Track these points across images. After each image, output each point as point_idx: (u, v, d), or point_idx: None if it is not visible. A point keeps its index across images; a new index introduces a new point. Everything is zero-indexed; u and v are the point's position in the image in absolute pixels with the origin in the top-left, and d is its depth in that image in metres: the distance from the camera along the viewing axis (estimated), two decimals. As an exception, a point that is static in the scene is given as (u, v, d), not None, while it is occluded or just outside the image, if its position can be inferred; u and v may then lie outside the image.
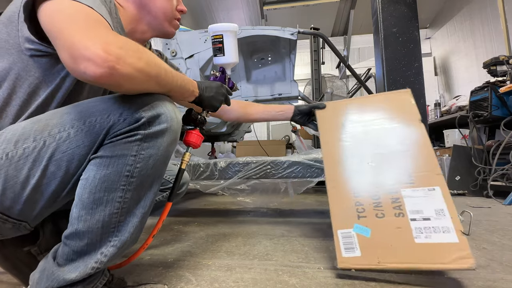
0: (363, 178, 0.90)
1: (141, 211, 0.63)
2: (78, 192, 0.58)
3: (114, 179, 0.57)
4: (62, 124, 0.57)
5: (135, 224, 0.62)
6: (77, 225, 0.57)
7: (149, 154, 0.59)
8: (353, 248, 0.80)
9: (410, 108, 0.96)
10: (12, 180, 0.55)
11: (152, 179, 0.63)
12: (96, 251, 0.59)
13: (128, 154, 0.57)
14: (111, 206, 0.58)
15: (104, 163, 0.56)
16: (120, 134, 0.57)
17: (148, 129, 0.58)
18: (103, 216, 0.58)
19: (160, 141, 0.60)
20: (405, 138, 0.92)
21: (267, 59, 1.97)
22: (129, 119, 0.56)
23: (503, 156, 2.26)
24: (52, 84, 0.64)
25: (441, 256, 0.72)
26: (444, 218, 0.76)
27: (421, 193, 0.82)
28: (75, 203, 0.58)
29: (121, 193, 0.58)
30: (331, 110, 1.05)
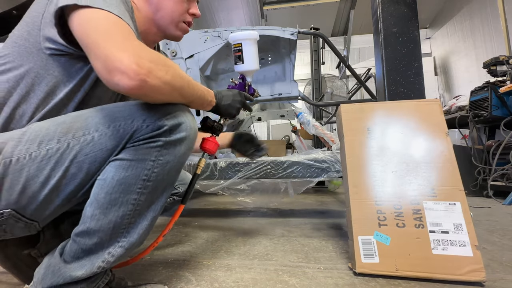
0: (386, 187, 0.90)
1: (151, 214, 0.64)
2: (94, 191, 0.59)
3: (132, 181, 0.59)
4: (87, 127, 0.58)
5: (145, 227, 0.64)
6: (90, 224, 0.59)
7: (166, 160, 0.61)
8: (372, 254, 0.83)
9: (438, 120, 0.95)
10: (32, 179, 0.56)
11: (166, 184, 0.65)
12: (104, 250, 0.61)
13: (147, 159, 0.59)
14: (125, 208, 0.59)
15: (124, 166, 0.58)
16: (143, 139, 0.59)
17: (168, 137, 0.60)
18: (116, 217, 0.59)
19: (178, 149, 0.63)
20: (431, 150, 0.92)
21: (267, 59, 1.97)
22: (152, 126, 0.58)
23: (503, 156, 2.27)
24: (71, 84, 0.65)
25: (456, 268, 0.77)
26: (462, 233, 0.81)
27: (442, 207, 0.84)
28: (90, 201, 0.60)
29: (136, 195, 0.60)
30: (358, 112, 1.02)
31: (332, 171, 1.40)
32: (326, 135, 2.04)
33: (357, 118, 1.01)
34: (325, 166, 1.41)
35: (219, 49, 1.78)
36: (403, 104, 1.01)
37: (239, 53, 0.97)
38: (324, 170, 1.41)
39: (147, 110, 0.60)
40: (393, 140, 0.95)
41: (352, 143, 0.98)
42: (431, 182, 0.88)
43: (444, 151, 0.91)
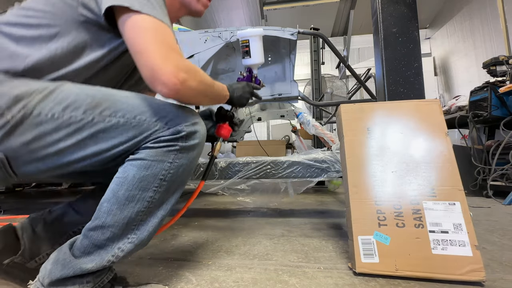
0: (386, 187, 0.90)
1: (162, 213, 0.69)
2: (113, 188, 0.63)
3: (150, 180, 0.64)
4: (115, 109, 0.62)
5: (155, 224, 0.68)
6: (106, 219, 0.62)
7: (181, 163, 0.67)
8: (372, 254, 0.83)
9: (438, 120, 0.95)
10: (43, 137, 0.58)
11: (178, 185, 0.71)
12: (114, 246, 0.64)
13: (166, 160, 0.65)
14: (141, 205, 0.64)
15: (145, 165, 0.63)
16: (163, 141, 0.64)
17: (185, 142, 0.66)
18: (131, 213, 0.63)
19: (191, 154, 0.69)
20: (430, 150, 0.92)
21: (267, 59, 1.97)
22: (173, 130, 0.65)
23: (503, 156, 2.27)
24: (99, 51, 0.69)
25: (455, 268, 0.78)
26: (461, 233, 0.81)
27: (441, 207, 0.85)
28: (107, 198, 0.63)
29: (152, 193, 0.65)
30: (358, 112, 1.02)
31: (332, 171, 1.40)
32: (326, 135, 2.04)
33: (357, 118, 1.01)
34: (325, 166, 1.41)
35: (219, 49, 1.78)
36: (403, 104, 1.02)
37: (246, 49, 1.07)
38: (324, 170, 1.41)
39: (171, 114, 0.66)
40: (393, 140, 0.96)
41: (352, 143, 0.98)
42: (431, 182, 0.88)
43: (444, 151, 0.91)
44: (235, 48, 1.84)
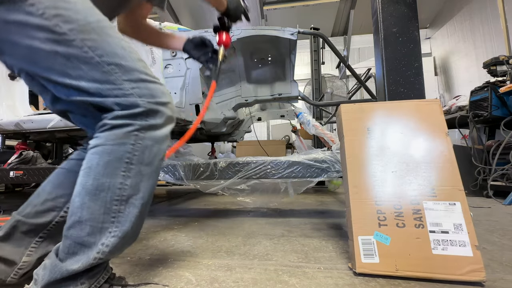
0: (386, 187, 0.90)
1: (140, 201, 0.66)
2: (80, 181, 0.63)
3: (116, 165, 0.63)
4: (97, 46, 0.62)
5: (135, 214, 0.65)
6: (81, 213, 0.61)
7: (145, 145, 0.65)
8: (372, 254, 0.83)
9: (438, 120, 0.95)
10: (25, 26, 0.58)
11: (150, 170, 0.68)
12: (97, 242, 0.62)
13: (128, 143, 0.63)
14: (112, 193, 0.62)
15: (107, 151, 0.63)
16: (120, 118, 0.63)
17: (144, 121, 0.65)
18: (105, 202, 0.62)
19: (154, 134, 0.67)
20: (431, 150, 0.92)
21: (267, 59, 1.96)
22: (132, 100, 0.63)
23: (503, 156, 2.27)
24: None
25: (456, 268, 0.77)
26: (462, 233, 0.81)
27: (442, 207, 0.84)
28: (77, 192, 0.63)
29: (122, 179, 0.63)
30: (358, 112, 1.02)
31: (332, 171, 1.40)
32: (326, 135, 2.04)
33: (357, 118, 1.01)
34: (325, 166, 1.41)
35: (219, 49, 1.77)
36: (403, 104, 1.01)
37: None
38: (324, 170, 1.41)
39: (142, 84, 0.65)
40: (393, 140, 0.95)
41: (352, 143, 0.98)
42: (431, 182, 0.88)
43: (444, 151, 0.91)
44: (235, 48, 1.84)
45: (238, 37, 1.73)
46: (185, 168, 1.54)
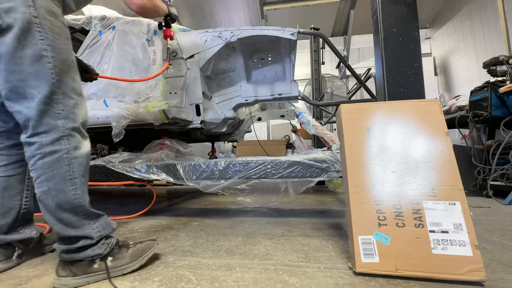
0: (386, 186, 0.90)
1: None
2: (43, 204, 0.82)
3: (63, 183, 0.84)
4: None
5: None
6: (61, 224, 0.83)
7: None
8: (372, 254, 0.83)
9: (438, 120, 0.95)
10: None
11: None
12: (88, 228, 0.85)
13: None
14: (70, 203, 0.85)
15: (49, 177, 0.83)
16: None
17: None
18: (71, 210, 0.83)
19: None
20: (430, 150, 0.92)
21: (267, 59, 1.97)
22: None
23: (503, 156, 2.27)
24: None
25: (455, 267, 0.78)
26: (462, 233, 0.81)
27: (442, 207, 0.85)
28: (45, 212, 0.82)
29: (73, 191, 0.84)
30: (358, 112, 1.02)
31: (332, 171, 1.41)
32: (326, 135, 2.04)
33: (357, 118, 1.01)
34: (325, 166, 1.41)
35: (219, 49, 1.78)
36: (403, 104, 1.02)
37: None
38: (324, 170, 1.41)
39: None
40: (393, 140, 0.96)
41: (352, 143, 0.98)
42: (431, 182, 0.88)
43: (444, 151, 0.91)
44: (235, 48, 1.84)
45: (238, 37, 1.74)
46: (185, 168, 1.54)
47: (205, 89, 1.90)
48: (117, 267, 0.86)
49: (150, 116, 1.64)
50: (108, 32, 1.77)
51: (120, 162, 1.65)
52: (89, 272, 0.83)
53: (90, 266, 0.83)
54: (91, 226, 0.85)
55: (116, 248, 0.90)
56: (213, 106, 2.00)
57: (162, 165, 1.58)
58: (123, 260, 0.88)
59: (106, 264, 0.85)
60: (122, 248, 0.91)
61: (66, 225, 0.81)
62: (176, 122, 1.74)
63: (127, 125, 1.63)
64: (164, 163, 1.59)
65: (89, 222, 0.85)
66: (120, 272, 0.87)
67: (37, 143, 0.79)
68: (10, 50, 0.75)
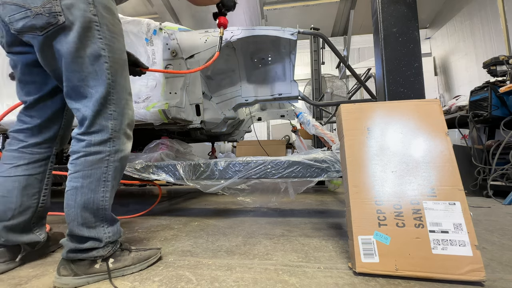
0: (386, 186, 0.90)
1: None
2: (70, 198, 0.84)
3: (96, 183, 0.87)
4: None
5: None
6: (77, 220, 0.83)
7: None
8: (372, 254, 0.83)
9: (438, 120, 0.95)
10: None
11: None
12: (99, 233, 0.86)
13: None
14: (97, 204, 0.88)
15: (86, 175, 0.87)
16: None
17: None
18: (93, 210, 0.86)
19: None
20: (430, 150, 0.92)
21: (267, 59, 1.96)
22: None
23: (503, 156, 2.27)
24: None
25: (456, 267, 0.78)
26: (462, 233, 0.81)
27: (442, 207, 0.85)
28: (69, 205, 0.83)
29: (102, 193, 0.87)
30: (358, 112, 1.02)
31: (332, 171, 1.40)
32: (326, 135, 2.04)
33: (357, 118, 1.01)
34: (325, 166, 1.41)
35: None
36: (403, 104, 1.01)
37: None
38: (324, 170, 1.41)
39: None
40: (393, 140, 0.96)
41: (352, 143, 0.98)
42: (431, 182, 0.88)
43: (444, 151, 0.91)
44: (235, 48, 1.84)
45: (238, 37, 1.74)
46: (185, 168, 1.54)
47: (205, 89, 1.89)
48: (118, 269, 0.87)
49: (150, 116, 1.64)
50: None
51: (120, 162, 1.65)
52: (90, 272, 0.83)
53: (92, 266, 0.84)
54: (103, 230, 0.86)
55: (118, 251, 0.91)
56: (213, 106, 2.00)
57: (162, 165, 1.58)
58: (124, 262, 0.89)
59: (107, 265, 0.85)
60: (124, 251, 0.92)
61: (83, 224, 0.82)
62: (176, 122, 1.74)
63: (127, 125, 1.63)
64: (164, 163, 1.59)
65: (103, 225, 0.86)
66: (121, 273, 0.87)
67: (86, 141, 0.81)
68: (72, 49, 0.76)
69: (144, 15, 6.69)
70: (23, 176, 0.95)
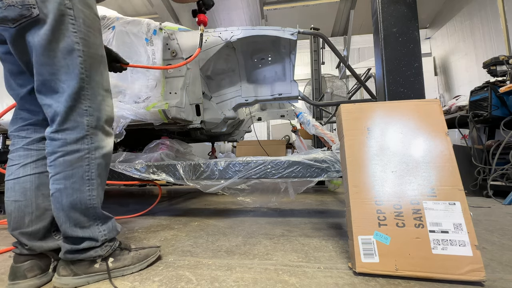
0: (386, 186, 0.90)
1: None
2: (56, 200, 0.81)
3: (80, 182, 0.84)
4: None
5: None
6: (69, 222, 0.81)
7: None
8: (372, 254, 0.83)
9: (438, 120, 0.95)
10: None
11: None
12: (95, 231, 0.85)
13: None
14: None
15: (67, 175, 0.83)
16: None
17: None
18: (82, 210, 0.83)
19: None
20: (430, 150, 0.92)
21: (267, 59, 1.97)
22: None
23: (503, 156, 2.27)
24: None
25: (455, 267, 0.78)
26: (462, 233, 0.81)
27: (442, 207, 0.85)
28: (57, 209, 0.81)
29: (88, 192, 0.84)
30: (358, 112, 1.02)
31: (332, 171, 1.40)
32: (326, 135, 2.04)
33: (357, 118, 1.01)
34: (325, 166, 1.41)
35: (219, 49, 1.78)
36: (403, 104, 1.01)
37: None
38: (324, 170, 1.41)
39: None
40: (393, 140, 0.96)
41: (352, 143, 0.98)
42: (431, 182, 0.88)
43: (444, 151, 0.91)
44: (235, 48, 1.84)
45: (238, 37, 1.74)
46: (185, 168, 1.54)
47: (205, 89, 1.89)
48: (117, 268, 0.87)
49: (150, 116, 1.64)
50: (108, 32, 1.77)
51: (120, 162, 1.65)
52: (90, 272, 0.83)
53: (91, 266, 0.83)
54: (98, 229, 0.84)
55: (117, 250, 0.90)
56: (213, 106, 2.00)
57: (162, 165, 1.58)
58: (124, 262, 0.88)
59: (107, 265, 0.85)
60: (123, 251, 0.91)
61: (75, 225, 0.81)
62: (176, 122, 1.74)
63: (127, 125, 1.63)
64: (164, 163, 1.59)
65: (97, 224, 0.85)
66: (120, 273, 0.87)
67: (61, 140, 0.78)
68: (43, 42, 0.73)
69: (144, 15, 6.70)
70: (34, 175, 0.88)
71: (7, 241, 1.30)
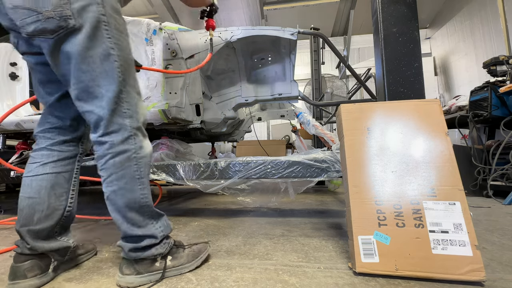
0: (386, 186, 0.90)
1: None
2: (112, 202, 0.84)
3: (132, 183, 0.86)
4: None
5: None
6: (127, 222, 0.84)
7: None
8: (372, 254, 0.83)
9: (438, 120, 0.95)
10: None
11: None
12: (151, 229, 0.86)
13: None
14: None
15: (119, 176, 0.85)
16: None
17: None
18: (137, 210, 0.85)
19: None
20: (430, 150, 0.92)
21: (267, 59, 1.96)
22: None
23: (503, 156, 2.27)
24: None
25: (455, 267, 0.78)
26: (462, 233, 0.81)
27: (442, 207, 0.85)
28: (113, 210, 0.83)
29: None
30: (358, 112, 1.02)
31: (332, 171, 1.40)
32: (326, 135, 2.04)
33: (357, 118, 1.01)
34: (325, 166, 1.41)
35: (219, 49, 1.78)
36: (403, 104, 1.01)
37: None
38: (324, 170, 1.41)
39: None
40: (393, 140, 0.96)
41: (352, 143, 0.98)
42: (431, 182, 0.88)
43: (444, 151, 0.91)
44: (235, 48, 1.84)
45: (238, 37, 1.74)
46: (185, 168, 1.54)
47: (205, 89, 1.89)
48: (175, 267, 0.88)
49: (150, 116, 1.64)
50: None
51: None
52: (152, 270, 0.84)
53: (153, 265, 0.85)
54: (154, 226, 0.86)
55: (174, 248, 0.91)
56: (213, 106, 2.00)
57: (162, 165, 1.58)
58: (181, 260, 0.89)
59: (165, 262, 0.86)
60: (179, 248, 0.93)
61: (133, 224, 0.83)
62: (176, 122, 1.74)
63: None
64: (164, 163, 1.59)
65: (152, 221, 0.86)
66: (178, 272, 0.88)
67: (108, 142, 0.80)
68: (81, 49, 0.76)
69: (144, 15, 6.70)
70: (51, 174, 0.90)
71: (7, 241, 1.30)
